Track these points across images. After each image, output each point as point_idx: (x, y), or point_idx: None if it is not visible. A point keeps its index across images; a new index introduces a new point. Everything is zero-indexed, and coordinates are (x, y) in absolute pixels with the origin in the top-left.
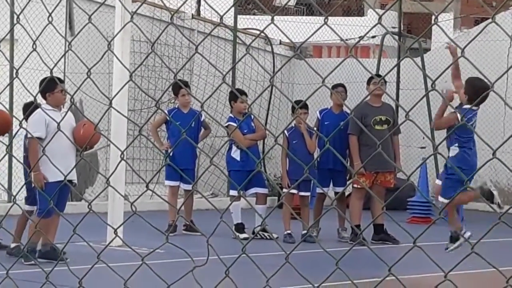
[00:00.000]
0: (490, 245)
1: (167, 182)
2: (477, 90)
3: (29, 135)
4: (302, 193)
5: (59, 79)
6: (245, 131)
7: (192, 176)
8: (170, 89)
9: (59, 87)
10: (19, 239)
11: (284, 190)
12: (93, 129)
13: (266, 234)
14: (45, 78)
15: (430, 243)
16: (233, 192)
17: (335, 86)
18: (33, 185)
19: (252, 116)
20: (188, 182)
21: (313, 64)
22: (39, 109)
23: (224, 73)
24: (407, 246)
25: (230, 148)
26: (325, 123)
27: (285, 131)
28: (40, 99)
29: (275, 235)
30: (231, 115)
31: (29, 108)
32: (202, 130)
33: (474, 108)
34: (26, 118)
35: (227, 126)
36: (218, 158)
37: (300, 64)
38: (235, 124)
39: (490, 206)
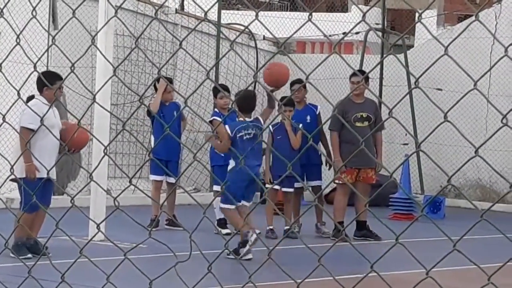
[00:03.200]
0: (472, 242)
1: (152, 177)
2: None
3: (22, 124)
4: (285, 189)
5: (58, 75)
6: (227, 125)
7: (175, 168)
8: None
9: (58, 84)
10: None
11: (267, 185)
12: (87, 137)
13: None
14: (47, 71)
15: (412, 240)
16: (216, 187)
17: (292, 84)
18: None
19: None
20: (171, 174)
21: (296, 60)
22: (36, 101)
23: (208, 68)
24: (390, 242)
25: None
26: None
27: (270, 127)
28: (29, 91)
29: (257, 231)
30: (216, 110)
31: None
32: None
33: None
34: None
35: (211, 121)
36: (201, 153)
37: (284, 60)
38: (219, 119)
39: (472, 203)
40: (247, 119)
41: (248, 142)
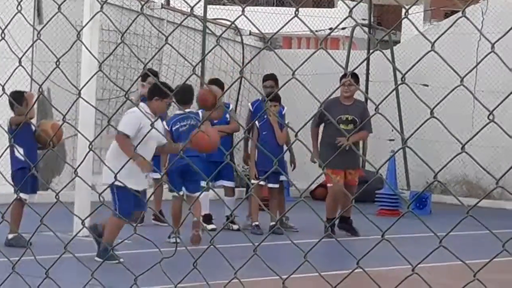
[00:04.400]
0: (458, 238)
1: None
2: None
3: (120, 128)
4: (270, 185)
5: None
6: (214, 121)
7: (159, 164)
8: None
9: (169, 99)
10: (16, 229)
11: (253, 181)
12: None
13: (234, 226)
14: (164, 83)
15: (399, 236)
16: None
17: (265, 79)
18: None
19: (230, 108)
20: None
21: (282, 56)
22: (136, 109)
23: (194, 63)
24: (376, 239)
25: None
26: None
27: (256, 122)
28: (13, 87)
29: (235, 227)
30: None
31: (16, 96)
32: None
33: None
34: (11, 106)
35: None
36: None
37: (270, 55)
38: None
39: (458, 199)
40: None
41: (184, 134)
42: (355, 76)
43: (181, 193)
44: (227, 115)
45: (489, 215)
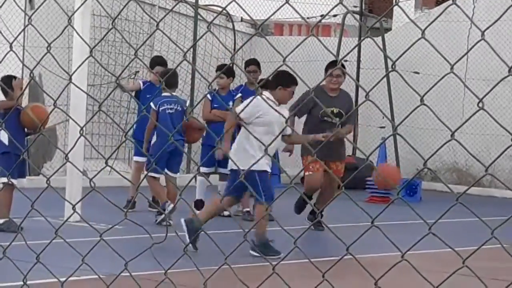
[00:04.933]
0: (448, 226)
1: (134, 158)
2: None
3: (237, 109)
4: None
5: (295, 80)
6: (215, 105)
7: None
8: (131, 64)
9: (294, 87)
10: (7, 214)
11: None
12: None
13: (225, 212)
14: (282, 71)
15: (389, 223)
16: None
17: (247, 64)
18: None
19: (239, 95)
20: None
21: (274, 42)
22: (259, 97)
23: (185, 49)
24: (366, 225)
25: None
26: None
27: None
28: (4, 71)
29: (226, 213)
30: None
31: (6, 81)
32: None
33: None
34: (3, 91)
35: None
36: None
37: (261, 42)
38: (209, 98)
39: (448, 186)
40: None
41: (170, 116)
42: (342, 67)
43: (161, 175)
44: (231, 103)
45: (479, 202)
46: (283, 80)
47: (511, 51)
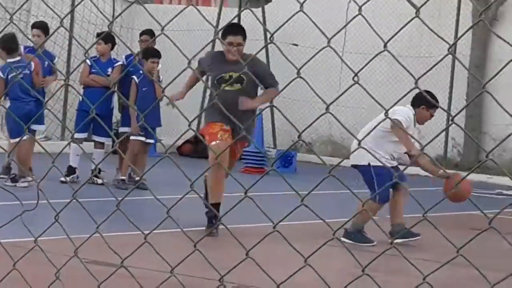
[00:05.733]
0: (321, 197)
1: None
2: None
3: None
4: (148, 140)
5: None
6: (93, 70)
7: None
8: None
9: (435, 110)
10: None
11: (133, 137)
12: None
13: (98, 180)
14: (430, 92)
15: (263, 194)
16: (77, 135)
17: (141, 34)
18: None
19: (119, 63)
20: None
21: (153, 11)
22: (410, 111)
23: (63, 16)
24: (240, 196)
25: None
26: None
27: (135, 77)
28: None
29: (99, 181)
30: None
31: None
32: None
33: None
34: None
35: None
36: (53, 101)
37: (141, 10)
38: (88, 63)
39: (321, 159)
40: (14, 59)
41: (19, 82)
42: (243, 32)
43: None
44: (110, 69)
45: (353, 174)
46: (429, 101)
47: (389, 26)
